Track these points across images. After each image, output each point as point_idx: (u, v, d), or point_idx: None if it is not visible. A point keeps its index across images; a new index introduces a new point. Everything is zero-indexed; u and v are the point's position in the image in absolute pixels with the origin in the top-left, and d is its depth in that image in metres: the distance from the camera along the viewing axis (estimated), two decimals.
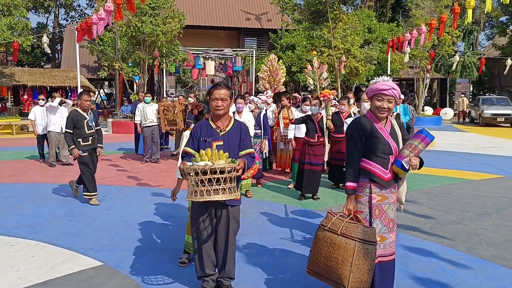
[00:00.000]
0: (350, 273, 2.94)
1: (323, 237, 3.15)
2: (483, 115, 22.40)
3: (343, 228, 3.06)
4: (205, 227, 3.43)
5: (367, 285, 3.02)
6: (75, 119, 6.42)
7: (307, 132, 7.02)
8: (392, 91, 3.16)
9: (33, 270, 4.09)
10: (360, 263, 2.96)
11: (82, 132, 6.42)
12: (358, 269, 2.96)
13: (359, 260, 2.96)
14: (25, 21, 21.30)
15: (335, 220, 3.15)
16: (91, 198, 6.52)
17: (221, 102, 3.36)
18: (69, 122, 6.44)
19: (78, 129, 6.42)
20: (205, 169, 2.93)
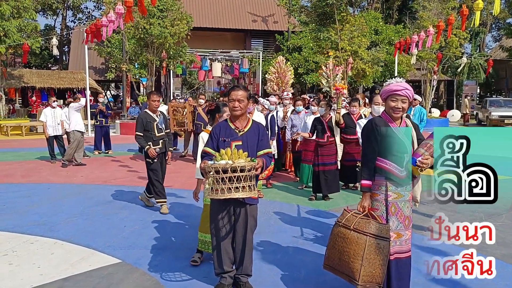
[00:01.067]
0: (361, 267, 3.05)
1: (338, 232, 3.29)
2: (490, 117, 22.36)
3: (355, 224, 3.18)
4: (223, 224, 3.52)
5: (380, 279, 3.11)
6: (144, 121, 6.01)
7: (317, 133, 7.10)
8: (405, 92, 3.24)
9: (54, 267, 4.19)
10: (372, 257, 3.05)
11: (152, 135, 6.00)
12: (369, 263, 3.06)
13: (371, 255, 3.06)
14: (34, 23, 21.53)
15: (349, 217, 3.26)
16: (162, 206, 6.12)
17: (238, 103, 3.45)
18: (139, 125, 6.02)
19: (148, 131, 6.00)
20: (226, 167, 3.02)
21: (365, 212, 3.24)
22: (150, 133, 5.99)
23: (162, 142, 6.05)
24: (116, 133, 18.45)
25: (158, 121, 6.03)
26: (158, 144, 6.01)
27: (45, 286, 3.79)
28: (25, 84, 23.99)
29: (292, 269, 4.14)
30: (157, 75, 23.09)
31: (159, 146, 6.02)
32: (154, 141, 5.97)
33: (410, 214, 3.39)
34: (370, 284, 3.12)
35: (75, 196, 7.19)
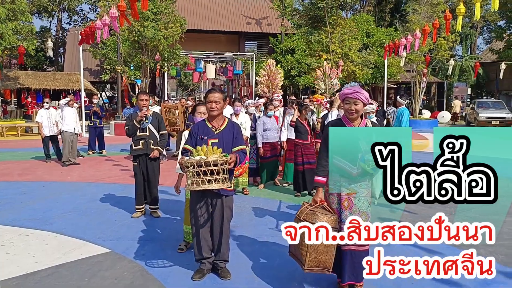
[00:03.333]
0: (307, 253, 3.41)
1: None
2: (478, 118, 22.83)
3: (304, 215, 3.52)
4: (202, 214, 3.88)
5: (328, 265, 3.47)
6: (131, 119, 5.91)
7: (300, 134, 7.50)
8: (356, 94, 3.58)
9: (48, 256, 4.54)
10: (317, 244, 3.37)
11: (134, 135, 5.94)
12: (314, 250, 3.41)
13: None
14: (30, 25, 21.84)
15: (303, 209, 3.62)
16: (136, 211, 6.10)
17: (215, 104, 3.82)
18: (127, 122, 5.93)
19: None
20: (200, 162, 3.38)
21: (317, 205, 3.58)
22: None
23: (142, 142, 5.86)
24: (110, 134, 18.78)
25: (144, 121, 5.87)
26: (138, 145, 5.87)
27: (39, 272, 4.14)
28: (20, 86, 24.26)
29: (267, 257, 4.51)
30: (151, 77, 23.41)
31: (139, 147, 5.87)
32: (135, 141, 5.89)
33: (367, 210, 3.65)
34: (318, 268, 3.49)
35: (69, 193, 7.52)
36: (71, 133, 10.62)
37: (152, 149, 5.95)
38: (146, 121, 5.88)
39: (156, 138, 6.01)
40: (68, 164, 10.45)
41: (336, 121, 3.85)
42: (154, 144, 5.98)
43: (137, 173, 6.00)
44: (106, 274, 4.09)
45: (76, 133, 10.78)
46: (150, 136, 5.95)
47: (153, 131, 6.00)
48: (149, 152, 5.94)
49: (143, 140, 5.90)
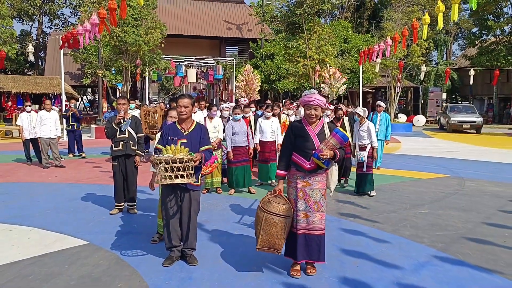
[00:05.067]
0: (260, 235, 3.97)
1: (278, 221, 4.05)
2: (450, 122, 23.68)
3: (262, 203, 4.06)
4: (171, 206, 4.34)
5: (278, 247, 3.99)
6: (111, 122, 6.31)
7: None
8: (316, 101, 4.11)
9: (31, 247, 4.94)
10: (267, 228, 3.94)
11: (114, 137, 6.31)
12: (265, 233, 3.96)
13: (266, 226, 3.95)
14: (10, 30, 21.94)
15: (264, 197, 4.14)
16: (114, 208, 6.48)
17: (184, 108, 4.29)
18: (106, 124, 6.33)
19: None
20: (168, 159, 3.85)
21: (275, 194, 4.08)
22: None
23: (122, 144, 6.25)
24: (91, 137, 19.05)
25: (123, 124, 6.26)
26: (117, 146, 6.26)
27: (23, 261, 4.54)
28: (0, 89, 24.25)
29: (232, 247, 4.98)
30: (133, 81, 23.70)
31: (119, 148, 6.27)
32: (115, 143, 6.27)
33: (320, 200, 4.17)
34: (268, 249, 4.02)
35: (50, 193, 7.88)
36: (47, 138, 10.87)
37: (131, 150, 6.37)
38: (124, 123, 6.29)
39: (134, 140, 6.43)
40: (49, 166, 10.76)
41: (296, 123, 4.34)
42: (133, 145, 6.41)
43: (116, 173, 6.41)
44: (85, 262, 4.52)
45: (53, 137, 10.99)
46: (129, 138, 6.37)
47: (132, 133, 6.41)
48: (128, 153, 6.35)
49: (122, 141, 6.31)
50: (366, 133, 7.83)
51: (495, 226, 5.94)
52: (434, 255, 4.80)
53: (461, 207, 6.95)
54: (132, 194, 6.49)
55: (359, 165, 7.87)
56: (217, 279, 4.09)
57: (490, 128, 27.58)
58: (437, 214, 6.51)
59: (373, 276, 4.22)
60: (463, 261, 4.63)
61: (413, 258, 4.70)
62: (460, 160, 12.62)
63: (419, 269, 4.40)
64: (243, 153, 8.04)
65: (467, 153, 14.29)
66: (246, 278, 4.12)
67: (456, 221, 6.13)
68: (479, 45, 32.84)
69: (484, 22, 31.65)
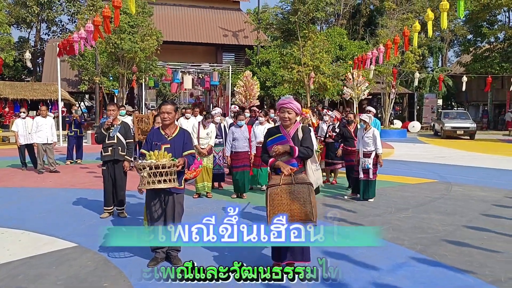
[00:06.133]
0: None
1: (280, 191, 4.08)
2: (444, 128, 23.91)
3: (294, 179, 4.09)
4: (156, 210, 4.49)
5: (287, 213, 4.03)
6: (100, 127, 6.55)
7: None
8: (289, 105, 4.28)
9: (21, 249, 5.09)
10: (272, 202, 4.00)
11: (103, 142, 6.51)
12: (272, 207, 4.01)
13: (271, 200, 4.02)
14: (8, 37, 22.16)
15: (283, 177, 4.11)
16: (104, 212, 6.63)
17: (167, 114, 4.46)
18: (96, 129, 6.57)
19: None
20: (151, 165, 4.02)
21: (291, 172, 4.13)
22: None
23: (111, 149, 6.38)
24: (87, 143, 19.18)
25: (112, 129, 6.42)
26: (106, 151, 6.42)
27: (13, 262, 4.69)
28: None
29: (217, 249, 5.12)
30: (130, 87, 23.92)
31: (108, 153, 6.42)
32: (104, 148, 6.44)
33: None
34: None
35: (43, 198, 8.02)
36: (43, 143, 11.02)
37: (120, 155, 6.51)
38: (113, 129, 6.44)
39: (123, 146, 6.57)
40: (43, 171, 10.91)
41: (272, 128, 4.52)
42: (122, 150, 6.54)
43: (105, 177, 6.57)
44: (73, 263, 4.66)
45: (49, 143, 11.14)
46: (118, 143, 6.52)
47: (121, 139, 6.56)
48: (116, 158, 6.49)
49: (111, 147, 6.47)
50: (371, 140, 7.82)
51: (475, 229, 6.10)
52: (412, 256, 4.96)
53: (445, 211, 7.12)
54: (121, 198, 6.63)
55: (364, 172, 7.86)
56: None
57: (484, 134, 27.82)
58: (420, 218, 6.67)
59: (351, 276, 4.37)
60: (439, 262, 4.79)
61: (391, 259, 4.86)
62: (450, 166, 12.80)
63: (396, 270, 4.56)
64: (244, 158, 8.20)
65: (458, 159, 14.48)
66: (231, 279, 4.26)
67: (437, 224, 6.29)
68: (474, 52, 33.18)
69: (479, 29, 32.01)
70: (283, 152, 4.23)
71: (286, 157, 4.27)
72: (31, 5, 35.92)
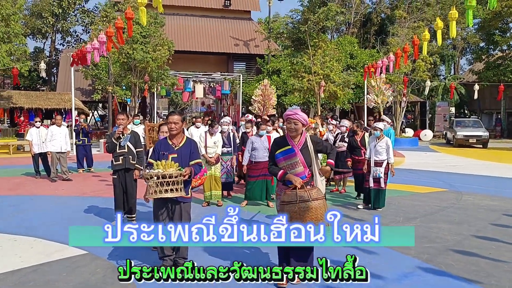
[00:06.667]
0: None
1: (298, 209, 4.11)
2: (456, 136, 23.70)
3: (310, 194, 4.11)
4: (163, 218, 4.58)
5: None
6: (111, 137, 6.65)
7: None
8: (295, 116, 4.33)
9: (32, 256, 5.21)
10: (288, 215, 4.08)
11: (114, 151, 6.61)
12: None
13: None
14: (23, 47, 22.65)
15: (300, 193, 4.13)
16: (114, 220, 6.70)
17: (174, 125, 4.56)
18: (107, 139, 6.73)
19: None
20: (158, 175, 4.11)
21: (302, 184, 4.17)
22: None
23: (122, 158, 6.53)
24: (100, 152, 19.43)
25: (122, 139, 6.57)
26: (117, 160, 6.56)
27: (24, 269, 4.81)
28: (13, 105, 24.92)
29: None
30: (142, 96, 24.22)
31: (118, 162, 6.55)
32: (115, 157, 6.57)
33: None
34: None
35: (56, 206, 8.18)
36: (57, 152, 11.23)
37: (131, 164, 6.64)
38: (123, 138, 6.58)
39: (134, 154, 6.71)
40: (56, 179, 11.10)
41: (279, 138, 4.59)
42: (132, 159, 6.68)
43: (116, 185, 6.69)
44: (82, 270, 4.77)
45: (63, 151, 11.35)
46: (129, 152, 6.66)
47: (131, 148, 6.70)
48: (127, 167, 6.61)
49: (122, 156, 6.60)
50: (384, 149, 7.84)
51: (484, 238, 6.07)
52: (418, 266, 4.97)
53: (454, 221, 7.09)
54: (131, 206, 6.74)
55: (375, 181, 7.85)
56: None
57: (498, 142, 27.50)
58: (428, 227, 6.66)
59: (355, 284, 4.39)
60: (445, 271, 4.79)
61: (397, 268, 4.87)
62: (461, 175, 12.71)
63: (401, 279, 4.57)
64: (263, 168, 8.04)
65: (469, 168, 14.37)
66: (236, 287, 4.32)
67: (445, 234, 6.28)
68: (486, 60, 32.93)
69: (491, 37, 31.79)
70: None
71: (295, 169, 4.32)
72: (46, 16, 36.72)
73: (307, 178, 4.31)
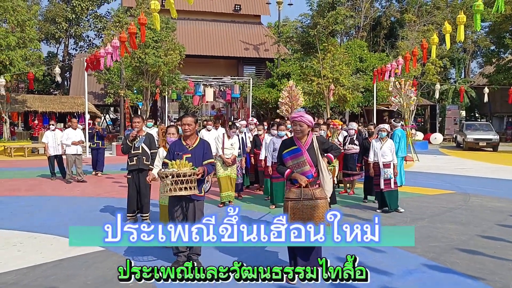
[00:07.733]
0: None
1: (302, 206, 4.33)
2: (466, 139, 23.65)
3: (314, 194, 4.33)
4: (177, 216, 4.79)
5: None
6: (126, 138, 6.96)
7: None
8: (300, 118, 4.51)
9: (52, 252, 5.46)
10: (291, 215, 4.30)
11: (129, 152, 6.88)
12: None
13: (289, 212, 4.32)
14: (38, 52, 23.13)
15: (305, 191, 4.35)
16: (128, 218, 6.89)
17: (188, 126, 4.78)
18: (123, 140, 7.03)
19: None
20: (173, 173, 4.33)
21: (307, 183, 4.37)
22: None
23: (136, 159, 6.77)
24: (112, 154, 19.78)
25: (137, 140, 6.82)
26: (132, 161, 6.82)
27: (45, 264, 5.05)
28: (28, 109, 25.43)
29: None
30: (153, 100, 24.58)
31: (133, 163, 6.80)
32: (130, 158, 6.84)
33: None
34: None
35: (71, 206, 8.45)
36: (73, 154, 11.54)
37: (145, 165, 6.87)
38: (138, 140, 6.82)
39: (148, 155, 6.93)
40: (72, 181, 11.40)
41: (287, 140, 4.79)
42: (146, 160, 6.91)
43: (130, 185, 6.96)
44: (100, 265, 4.99)
45: (79, 154, 11.67)
46: (143, 153, 6.90)
47: (145, 149, 6.94)
48: (141, 167, 6.85)
49: (136, 157, 6.86)
50: (390, 150, 8.04)
51: (489, 238, 6.19)
52: (424, 263, 5.12)
53: (460, 221, 7.21)
54: (144, 205, 7.00)
55: (386, 182, 7.96)
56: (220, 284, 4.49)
57: (509, 146, 27.37)
58: (434, 227, 6.79)
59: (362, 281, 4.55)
60: (450, 268, 4.93)
61: (403, 266, 5.02)
62: (469, 177, 12.77)
63: (406, 276, 4.72)
64: None
65: (479, 171, 14.41)
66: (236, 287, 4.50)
67: (451, 234, 6.40)
68: (497, 63, 32.81)
69: (501, 40, 31.70)
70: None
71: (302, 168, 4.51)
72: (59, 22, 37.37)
73: (313, 177, 4.49)
